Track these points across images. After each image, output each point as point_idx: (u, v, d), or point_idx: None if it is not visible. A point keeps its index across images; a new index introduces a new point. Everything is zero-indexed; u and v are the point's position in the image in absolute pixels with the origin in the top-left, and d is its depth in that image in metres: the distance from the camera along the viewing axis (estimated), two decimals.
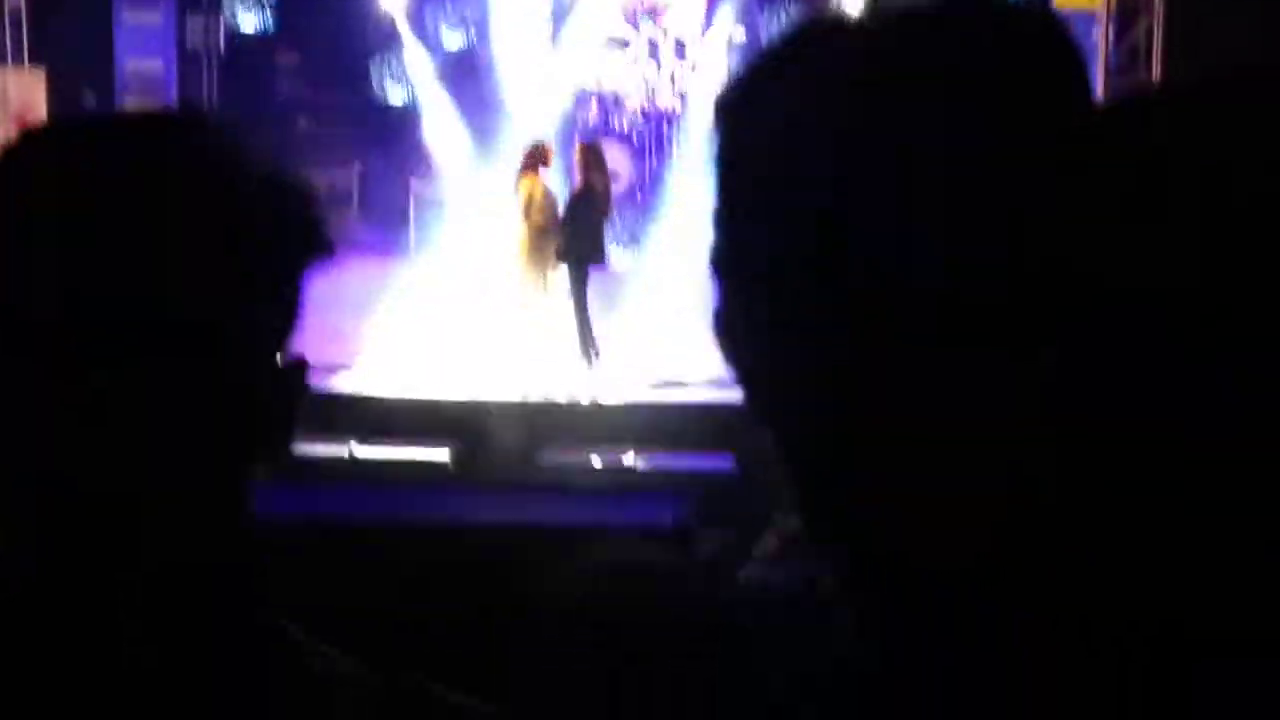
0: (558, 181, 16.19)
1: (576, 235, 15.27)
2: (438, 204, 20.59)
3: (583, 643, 2.00)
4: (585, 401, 14.56)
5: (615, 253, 17.48)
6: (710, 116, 1.30)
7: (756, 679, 1.41)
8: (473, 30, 22.40)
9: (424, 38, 22.38)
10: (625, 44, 21.95)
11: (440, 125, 21.42)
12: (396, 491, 12.51)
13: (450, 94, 21.83)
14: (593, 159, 15.84)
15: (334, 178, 21.69)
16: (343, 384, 14.65)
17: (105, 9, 21.39)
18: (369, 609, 7.74)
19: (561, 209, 15.53)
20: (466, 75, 22.18)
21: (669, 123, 21.68)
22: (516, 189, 15.76)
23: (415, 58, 22.13)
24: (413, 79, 22.41)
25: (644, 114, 21.73)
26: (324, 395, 14.18)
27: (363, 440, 13.67)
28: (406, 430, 13.82)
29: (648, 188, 21.43)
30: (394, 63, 21.82)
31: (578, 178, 15.73)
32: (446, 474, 13.37)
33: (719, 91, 1.32)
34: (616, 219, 19.32)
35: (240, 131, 1.53)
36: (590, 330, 15.31)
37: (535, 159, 15.80)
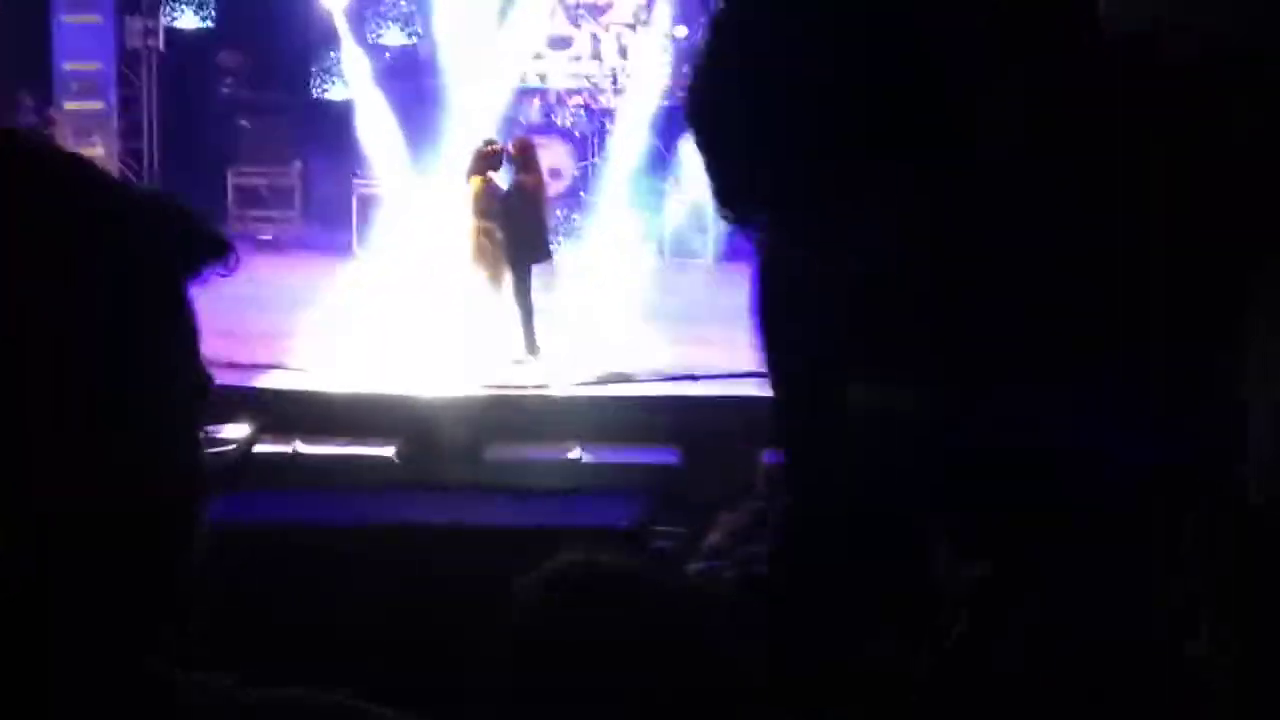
0: (504, 180, 16.16)
1: (515, 232, 15.29)
2: (380, 201, 20.53)
3: (531, 665, 2.00)
4: (531, 396, 14.52)
5: (559, 248, 17.45)
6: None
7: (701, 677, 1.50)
8: (415, 28, 22.35)
9: (364, 36, 22.32)
10: (567, 42, 21.94)
11: (381, 123, 21.36)
12: (343, 494, 12.51)
13: (391, 92, 21.78)
14: (522, 156, 15.82)
15: (276, 176, 21.65)
16: (285, 381, 14.58)
17: (42, 11, 21.27)
18: (313, 617, 7.73)
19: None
20: (408, 73, 22.16)
21: (611, 119, 21.67)
22: (466, 187, 15.74)
23: (355, 56, 22.09)
24: (353, 77, 22.37)
25: (586, 110, 21.73)
26: (266, 392, 14.15)
27: (306, 439, 13.63)
28: (351, 429, 13.78)
29: (590, 184, 21.41)
30: (334, 61, 21.75)
31: (512, 176, 15.72)
32: (393, 472, 13.34)
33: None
34: (559, 214, 19.36)
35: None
36: (533, 326, 15.32)
37: (486, 159, 15.75)
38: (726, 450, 13.50)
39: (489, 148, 15.96)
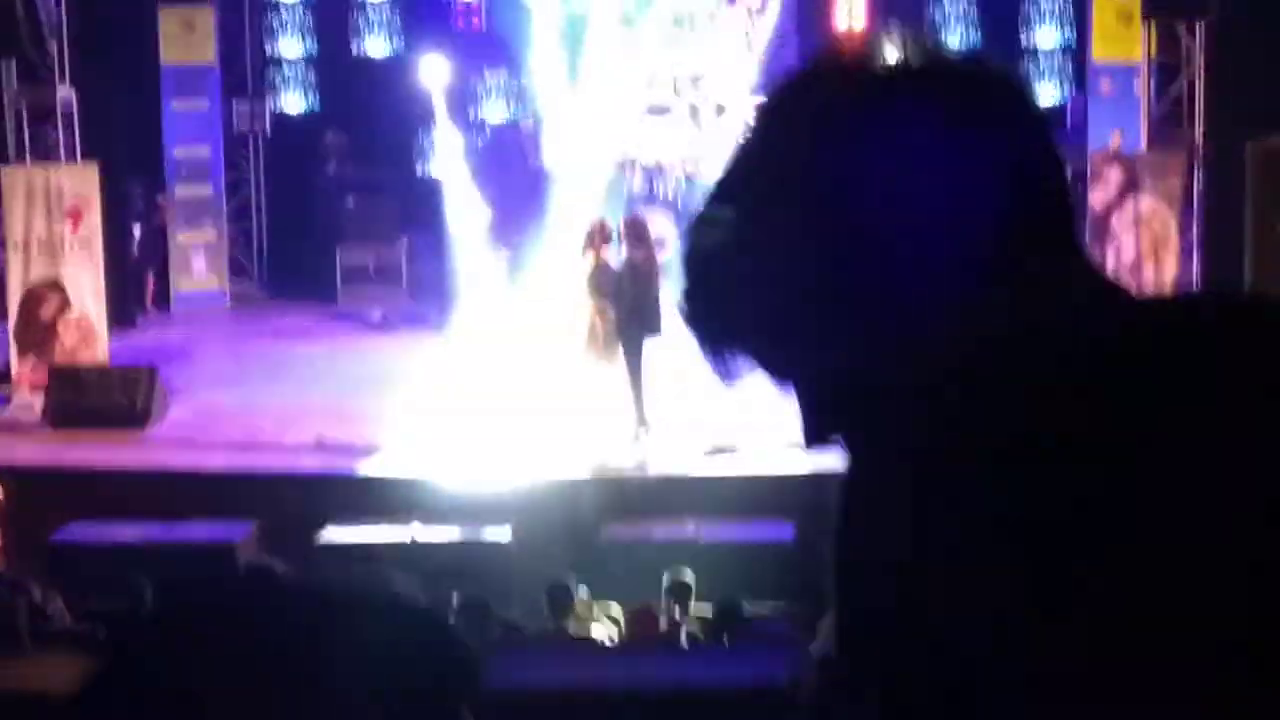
0: (616, 257, 16.25)
1: (629, 309, 15.37)
2: (487, 278, 20.67)
3: None
4: (646, 474, 14.59)
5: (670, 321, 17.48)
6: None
7: None
8: (513, 103, 22.59)
9: (465, 113, 22.56)
10: (666, 110, 22.06)
11: (475, 202, 21.48)
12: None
13: (493, 168, 21.95)
14: (633, 233, 15.97)
15: (383, 254, 21.86)
16: (399, 466, 14.71)
17: (154, 100, 21.66)
18: None
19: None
20: (509, 149, 22.35)
21: None
22: (579, 264, 15.93)
23: (450, 135, 22.31)
24: (446, 157, 22.61)
25: (688, 179, 21.78)
26: (384, 481, 14.33)
27: (424, 523, 13.74)
28: (466, 513, 13.89)
29: None
30: (436, 139, 21.97)
31: (623, 253, 15.83)
32: (508, 554, 13.43)
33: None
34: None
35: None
36: (644, 401, 15.37)
37: (595, 236, 15.93)
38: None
39: (599, 225, 16.10)
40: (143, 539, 13.20)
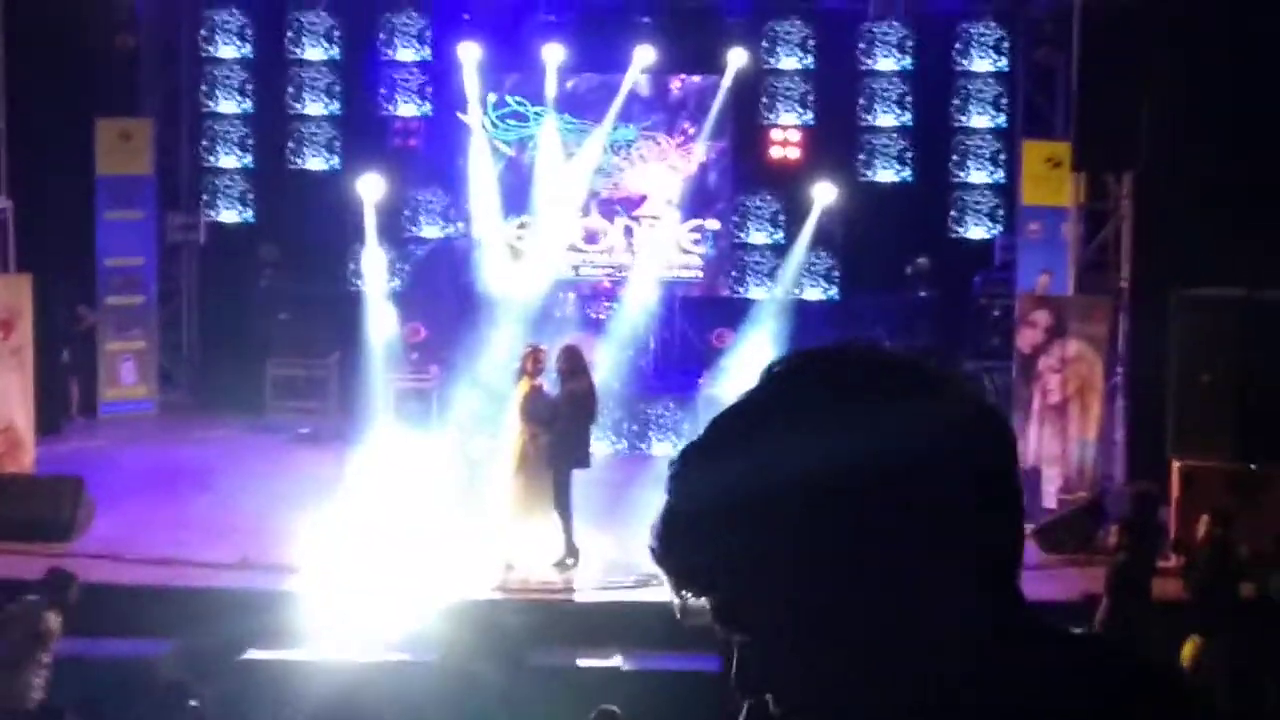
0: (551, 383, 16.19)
1: (562, 438, 15.39)
2: (415, 395, 20.72)
3: None
4: (570, 602, 14.61)
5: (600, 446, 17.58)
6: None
7: None
8: (451, 225, 22.73)
9: (399, 230, 22.69)
10: (599, 235, 22.25)
11: (415, 317, 21.60)
12: None
13: (425, 285, 22.08)
14: (571, 363, 15.90)
15: (314, 368, 21.87)
16: (324, 586, 14.67)
17: (89, 210, 21.67)
18: None
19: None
20: (442, 266, 22.47)
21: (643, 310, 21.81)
22: (514, 390, 15.87)
23: (389, 250, 22.45)
24: (387, 271, 22.73)
25: (618, 301, 21.89)
26: (305, 598, 14.28)
27: (353, 645, 13.71)
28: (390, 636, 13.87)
29: (622, 375, 21.58)
30: (367, 255, 22.07)
31: (561, 384, 15.82)
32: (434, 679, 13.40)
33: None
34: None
35: None
36: (572, 529, 15.40)
37: (528, 362, 15.86)
38: None
39: (533, 351, 16.03)
40: (64, 653, 13.11)
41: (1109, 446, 16.85)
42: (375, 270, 21.10)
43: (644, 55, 21.68)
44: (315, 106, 23.46)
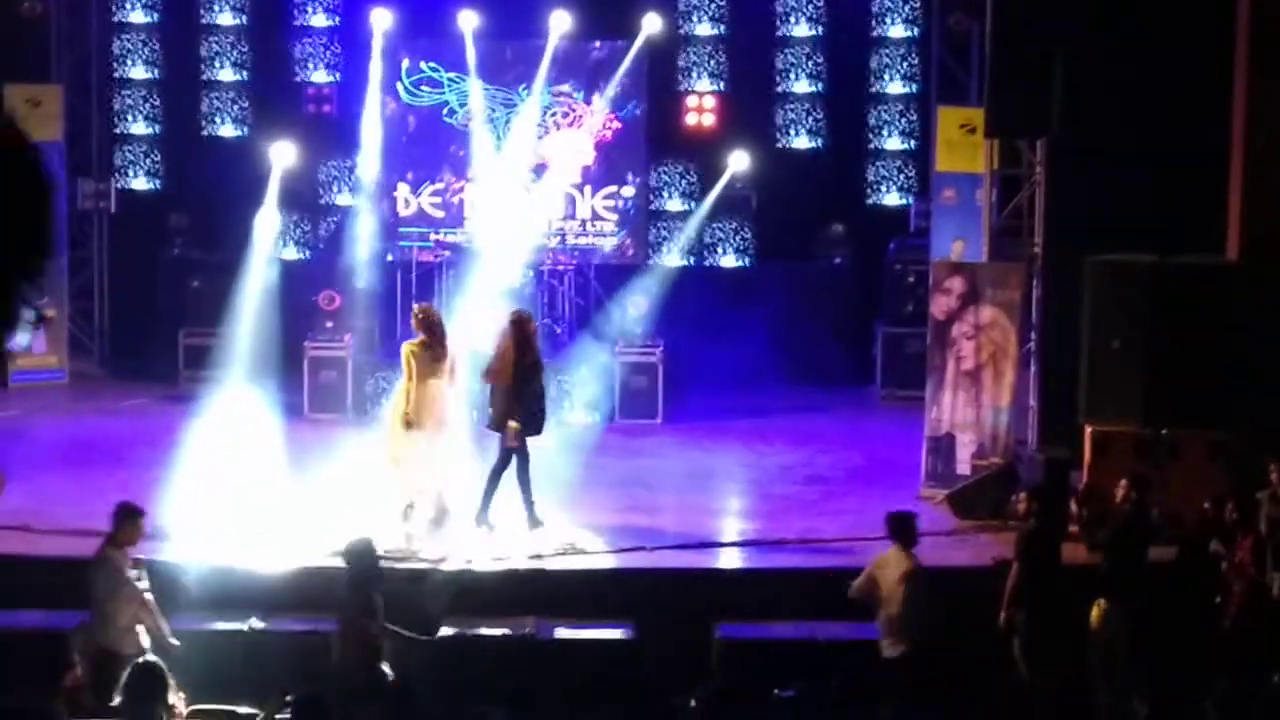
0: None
1: (524, 408, 15.35)
2: (331, 363, 20.59)
3: None
4: (484, 571, 14.54)
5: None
6: None
7: None
8: (362, 190, 22.60)
9: (313, 197, 22.55)
10: (516, 200, 22.15)
11: (327, 282, 21.46)
12: None
13: (338, 253, 21.93)
14: (524, 331, 15.65)
15: (225, 337, 21.69)
16: (237, 555, 14.55)
17: None
18: None
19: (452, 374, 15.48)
20: (355, 233, 22.30)
21: (550, 277, 21.68)
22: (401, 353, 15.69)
23: (304, 216, 22.34)
24: (299, 238, 22.60)
25: (536, 272, 21.79)
26: (219, 568, 14.17)
27: (264, 614, 13.62)
28: (307, 604, 13.80)
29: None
30: (286, 222, 21.91)
31: (511, 351, 15.48)
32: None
33: None
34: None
35: None
36: (491, 499, 15.33)
37: (417, 323, 15.69)
38: (679, 625, 13.66)
39: (417, 313, 15.81)
40: None
41: (1023, 412, 16.94)
42: (269, 235, 20.83)
43: (560, 21, 21.59)
44: (226, 73, 23.31)
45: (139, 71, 23.33)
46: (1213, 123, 16.89)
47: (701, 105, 23.18)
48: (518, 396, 15.34)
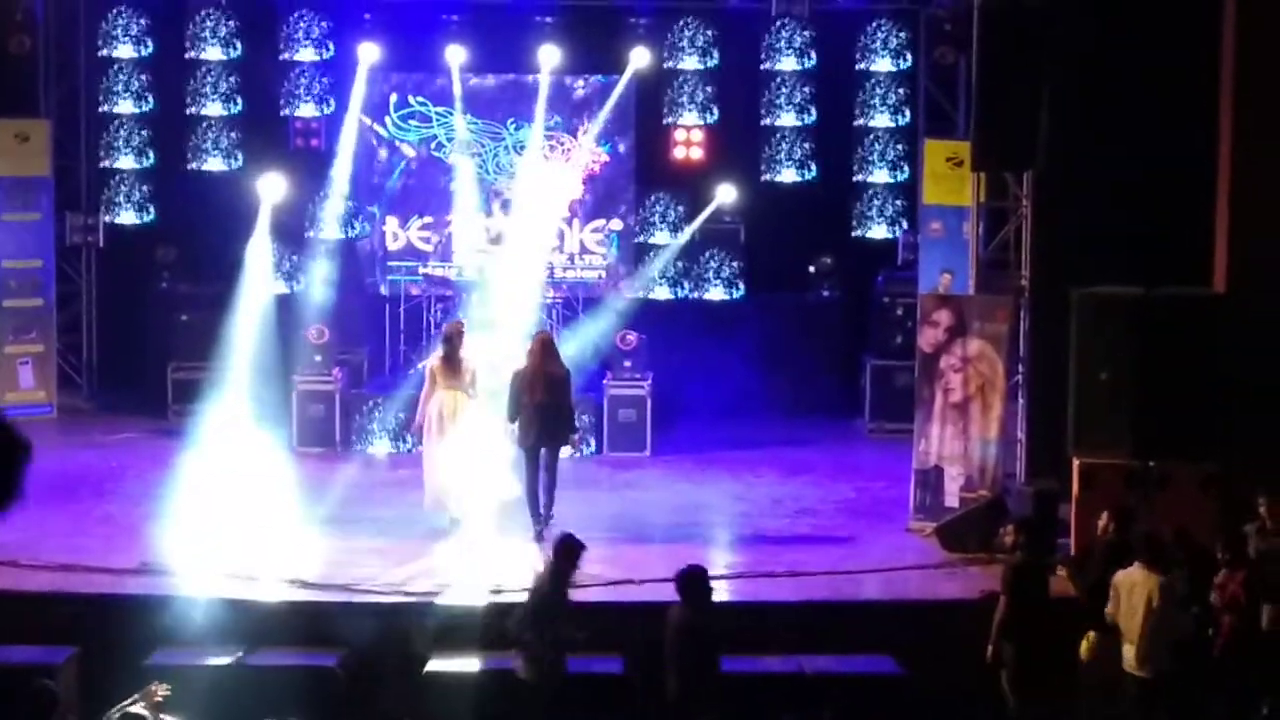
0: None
1: (558, 420, 16.40)
2: (320, 398, 20.57)
3: None
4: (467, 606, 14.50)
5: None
6: None
7: None
8: (351, 223, 22.63)
9: (301, 230, 22.53)
10: (502, 237, 22.14)
11: (315, 316, 21.41)
12: None
13: (326, 287, 21.89)
14: (548, 349, 16.63)
15: (214, 371, 21.66)
16: (227, 589, 14.53)
17: None
18: None
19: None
20: (344, 267, 22.28)
21: (551, 310, 21.72)
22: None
23: (291, 251, 22.33)
24: (292, 270, 22.57)
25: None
26: (208, 601, 14.14)
27: (253, 647, 13.61)
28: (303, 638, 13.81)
29: None
30: (275, 256, 21.89)
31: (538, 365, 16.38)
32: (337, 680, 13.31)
33: None
34: None
35: None
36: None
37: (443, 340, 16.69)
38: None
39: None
40: None
41: (1011, 445, 16.95)
42: (261, 268, 20.81)
43: (550, 56, 21.65)
44: (215, 107, 23.30)
45: (127, 106, 23.33)
46: (1198, 156, 16.95)
47: (689, 139, 23.23)
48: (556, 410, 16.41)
